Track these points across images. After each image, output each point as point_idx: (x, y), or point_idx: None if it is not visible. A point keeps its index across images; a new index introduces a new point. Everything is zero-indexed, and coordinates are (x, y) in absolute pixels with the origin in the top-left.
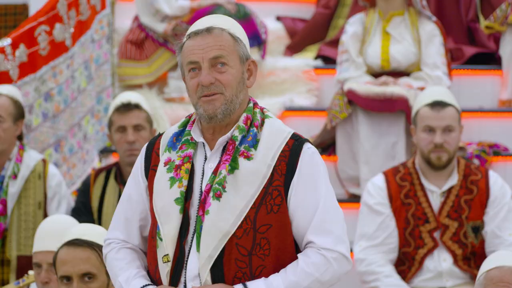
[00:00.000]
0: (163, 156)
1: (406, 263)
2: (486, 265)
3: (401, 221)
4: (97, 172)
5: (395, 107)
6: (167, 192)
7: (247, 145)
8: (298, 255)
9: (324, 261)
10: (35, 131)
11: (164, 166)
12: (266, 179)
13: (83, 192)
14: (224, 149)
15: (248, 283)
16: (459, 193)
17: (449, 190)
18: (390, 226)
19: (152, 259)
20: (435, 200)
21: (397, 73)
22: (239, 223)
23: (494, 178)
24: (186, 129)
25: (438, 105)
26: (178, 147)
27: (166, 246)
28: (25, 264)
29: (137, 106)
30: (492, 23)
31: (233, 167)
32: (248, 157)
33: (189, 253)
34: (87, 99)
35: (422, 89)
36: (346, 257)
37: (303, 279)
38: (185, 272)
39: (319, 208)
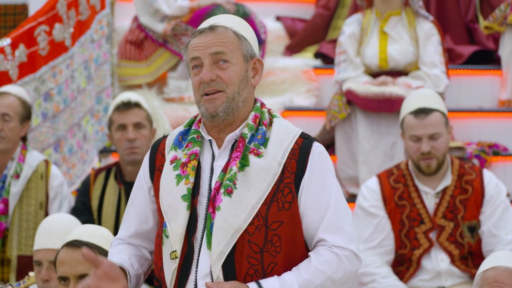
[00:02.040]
0: (169, 155)
1: (405, 264)
2: (483, 266)
3: (396, 223)
4: (97, 171)
5: (394, 107)
6: (173, 190)
7: (256, 143)
8: (310, 253)
9: (336, 259)
10: (34, 131)
11: (171, 164)
12: (277, 176)
13: (83, 192)
14: (233, 147)
15: (262, 281)
16: (454, 193)
17: (444, 191)
18: (386, 228)
19: (158, 258)
20: (430, 201)
21: (396, 73)
22: (250, 219)
23: (488, 177)
24: (192, 128)
25: (421, 112)
26: (184, 145)
27: (174, 243)
28: (25, 263)
29: (137, 105)
30: (491, 23)
31: (244, 164)
32: (258, 155)
33: (199, 251)
34: (87, 99)
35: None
36: (357, 255)
37: (316, 277)
38: (196, 270)
39: (331, 207)
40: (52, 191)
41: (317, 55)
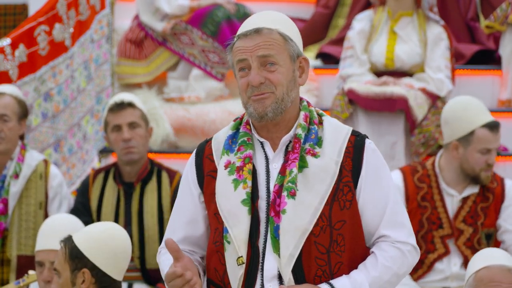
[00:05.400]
0: (222, 159)
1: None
2: (473, 266)
3: (415, 223)
4: (96, 172)
5: (395, 106)
6: (232, 195)
7: (311, 143)
8: (373, 249)
9: (400, 254)
10: (34, 131)
11: (225, 169)
12: (336, 176)
13: (82, 192)
14: (286, 148)
15: (333, 282)
16: (476, 200)
17: (467, 196)
18: None
19: (219, 264)
20: (452, 205)
21: (401, 73)
22: (315, 220)
23: (509, 185)
24: (240, 130)
25: (495, 126)
26: (236, 149)
27: (239, 248)
28: (25, 263)
29: (130, 104)
30: (492, 22)
31: (302, 165)
32: (314, 155)
33: (263, 254)
34: (87, 99)
35: (423, 90)
36: (417, 249)
37: (384, 274)
38: (262, 274)
39: (390, 202)
40: (52, 191)
41: (318, 55)
